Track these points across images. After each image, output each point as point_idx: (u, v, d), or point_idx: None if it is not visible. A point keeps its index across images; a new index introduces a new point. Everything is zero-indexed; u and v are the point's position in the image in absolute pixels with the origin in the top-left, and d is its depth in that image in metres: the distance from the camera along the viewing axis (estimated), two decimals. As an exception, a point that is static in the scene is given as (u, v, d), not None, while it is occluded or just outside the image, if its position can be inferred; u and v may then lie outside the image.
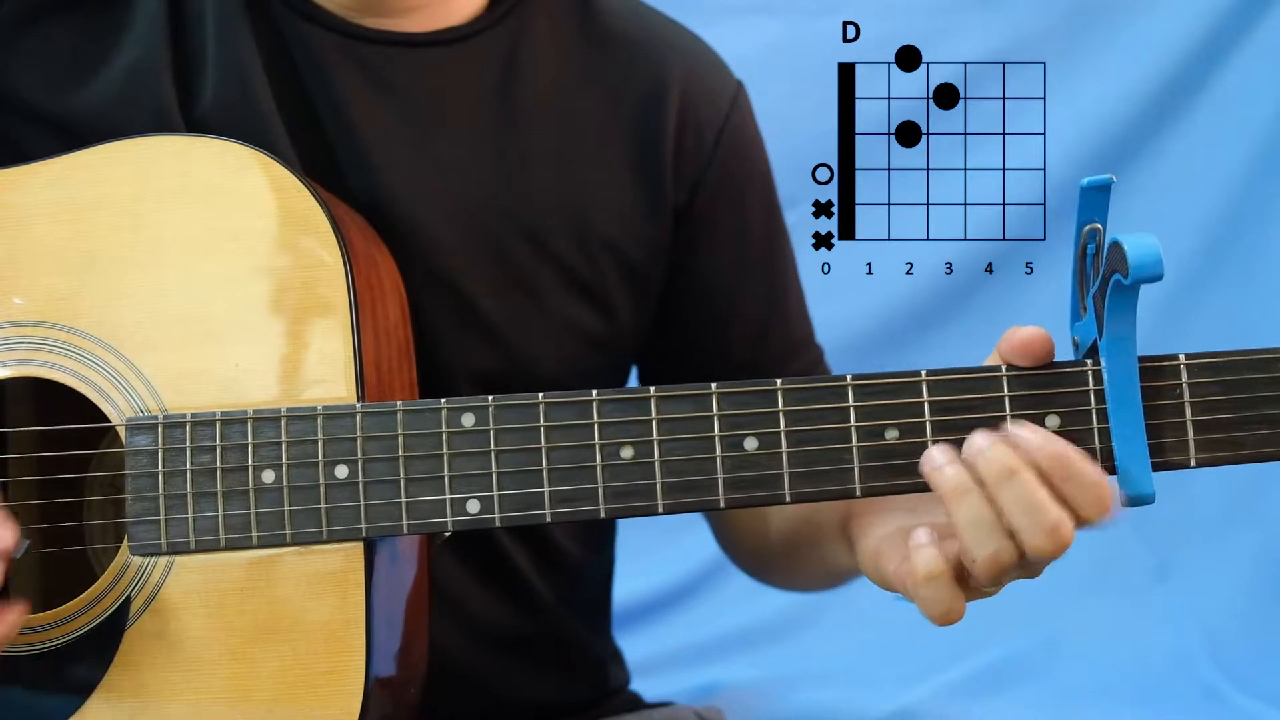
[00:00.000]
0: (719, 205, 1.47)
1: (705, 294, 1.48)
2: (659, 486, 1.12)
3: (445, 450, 1.14)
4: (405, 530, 1.14)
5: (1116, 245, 1.02)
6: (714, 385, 1.12)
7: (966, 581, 1.11)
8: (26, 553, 1.15)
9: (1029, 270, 2.74)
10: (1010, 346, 1.11)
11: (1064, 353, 1.13)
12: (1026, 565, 1.09)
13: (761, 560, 1.55)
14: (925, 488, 1.10)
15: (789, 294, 1.54)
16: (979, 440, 1.08)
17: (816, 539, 1.35)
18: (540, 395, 1.13)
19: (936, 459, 1.09)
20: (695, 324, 1.49)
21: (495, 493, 1.13)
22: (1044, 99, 2.75)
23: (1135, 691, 2.45)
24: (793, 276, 1.55)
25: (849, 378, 1.11)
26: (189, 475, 1.16)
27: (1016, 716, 2.39)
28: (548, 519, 1.13)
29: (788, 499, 1.12)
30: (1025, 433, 1.07)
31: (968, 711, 2.39)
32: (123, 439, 1.18)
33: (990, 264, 2.74)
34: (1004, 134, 2.75)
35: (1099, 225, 1.07)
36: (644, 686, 1.66)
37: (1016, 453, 1.06)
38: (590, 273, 1.41)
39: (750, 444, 1.11)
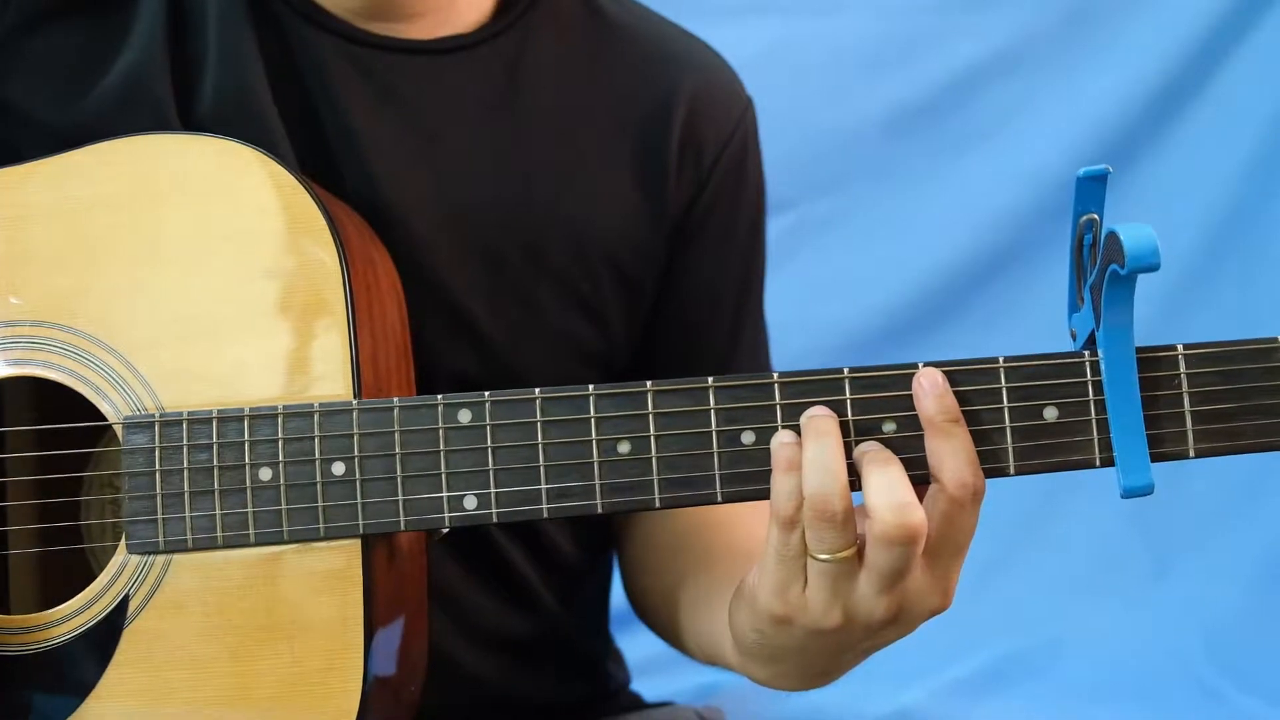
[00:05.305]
0: (709, 223, 1.47)
1: (682, 309, 1.48)
2: (656, 482, 1.12)
3: (442, 447, 1.14)
4: (402, 526, 1.14)
5: (1113, 235, 1.02)
6: (710, 379, 1.12)
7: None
8: None
9: (1029, 270, 2.75)
10: None
11: (1062, 344, 1.13)
12: (870, 557, 1.07)
13: (674, 603, 1.48)
14: (924, 480, 1.09)
15: (754, 319, 1.54)
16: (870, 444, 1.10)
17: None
18: (537, 391, 1.13)
19: (814, 410, 1.10)
20: (671, 336, 1.48)
21: (492, 489, 1.13)
22: (1044, 100, 2.77)
23: (1135, 691, 2.45)
24: (759, 302, 1.55)
25: (845, 371, 1.11)
26: (186, 473, 1.16)
27: (1016, 716, 2.39)
28: (545, 514, 1.13)
29: (785, 491, 1.11)
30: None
31: (968, 711, 2.39)
32: (120, 438, 1.17)
33: (991, 263, 2.76)
34: (1005, 133, 2.77)
35: (1095, 216, 1.07)
36: (644, 686, 1.65)
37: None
38: (587, 285, 1.41)
39: (748, 438, 1.11)
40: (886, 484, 1.06)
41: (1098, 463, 1.09)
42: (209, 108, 1.33)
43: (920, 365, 1.11)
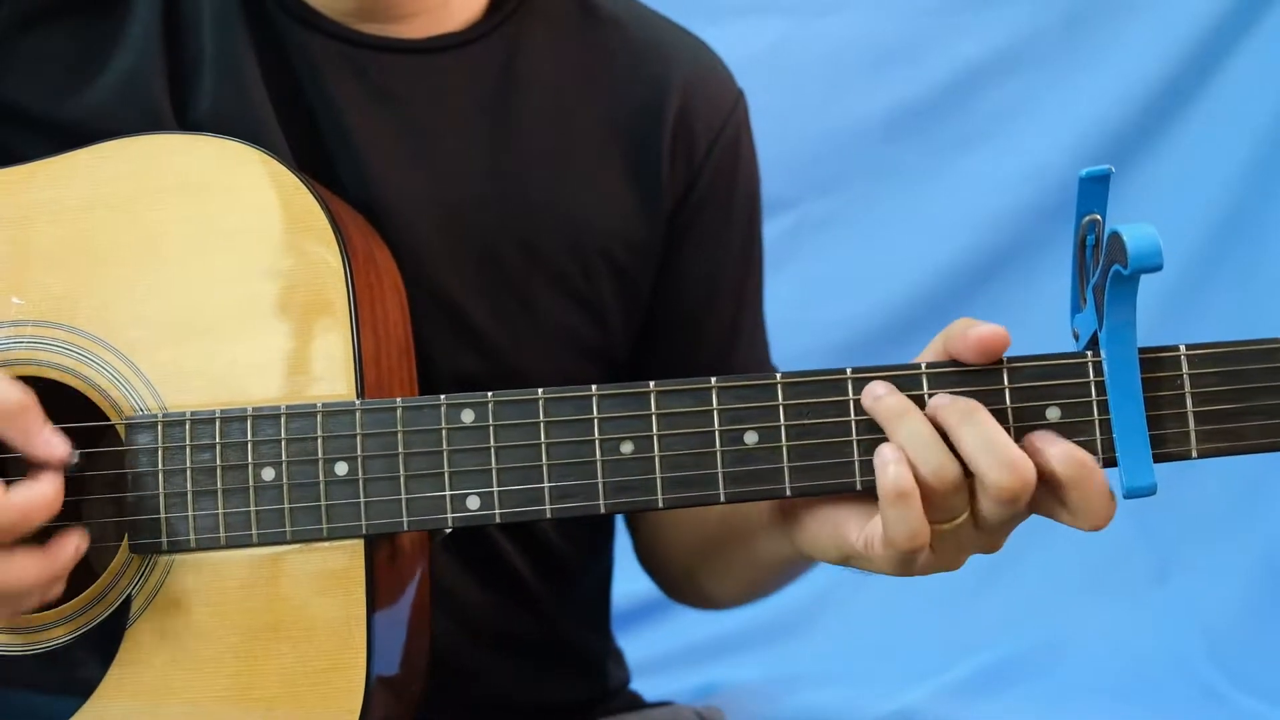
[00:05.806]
0: (703, 216, 1.47)
1: (679, 303, 1.48)
2: (659, 481, 1.12)
3: (445, 447, 1.14)
4: (405, 527, 1.14)
5: (1116, 236, 1.02)
6: (714, 379, 1.12)
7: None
8: (77, 464, 1.15)
9: (1029, 270, 2.75)
10: (966, 344, 1.10)
11: (1064, 344, 1.13)
12: (983, 514, 1.09)
13: (695, 563, 1.50)
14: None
15: (753, 314, 1.54)
16: (940, 398, 1.09)
17: (747, 531, 1.32)
18: (540, 391, 1.13)
19: (878, 391, 1.10)
20: (670, 330, 1.48)
21: (495, 489, 1.13)
22: (1044, 100, 2.77)
23: (1135, 691, 2.44)
24: (758, 296, 1.54)
25: (849, 371, 1.11)
26: (189, 473, 1.16)
27: (1016, 716, 2.38)
28: (548, 515, 1.13)
29: (788, 492, 1.11)
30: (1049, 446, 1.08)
31: (968, 711, 2.39)
32: (122, 437, 1.17)
33: (991, 263, 2.76)
34: (1005, 133, 2.77)
35: (1098, 216, 1.07)
36: (644, 686, 1.65)
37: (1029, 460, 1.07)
38: (584, 281, 1.41)
39: (750, 438, 1.11)
40: (984, 441, 1.07)
41: (1100, 463, 1.09)
42: (205, 110, 1.33)
43: (923, 366, 1.11)
